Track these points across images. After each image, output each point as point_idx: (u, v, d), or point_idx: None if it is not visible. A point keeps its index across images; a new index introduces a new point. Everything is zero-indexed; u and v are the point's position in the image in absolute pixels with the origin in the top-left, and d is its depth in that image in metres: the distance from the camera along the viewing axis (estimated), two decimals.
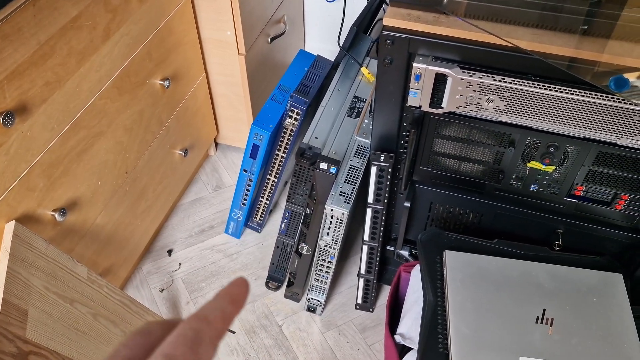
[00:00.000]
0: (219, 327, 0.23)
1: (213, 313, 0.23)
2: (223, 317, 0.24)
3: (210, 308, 0.24)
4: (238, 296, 0.25)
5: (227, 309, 0.24)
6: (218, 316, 0.23)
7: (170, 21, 1.29)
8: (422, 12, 0.88)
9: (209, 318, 0.23)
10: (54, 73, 0.97)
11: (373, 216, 1.17)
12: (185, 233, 1.56)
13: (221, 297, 0.24)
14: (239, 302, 0.24)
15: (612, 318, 0.90)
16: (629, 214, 1.01)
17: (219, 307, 0.24)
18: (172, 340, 0.22)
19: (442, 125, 0.99)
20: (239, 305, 0.24)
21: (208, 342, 0.22)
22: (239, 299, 0.24)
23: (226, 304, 0.24)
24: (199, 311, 0.24)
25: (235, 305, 0.24)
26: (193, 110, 1.51)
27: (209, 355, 0.22)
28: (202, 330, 0.22)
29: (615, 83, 0.79)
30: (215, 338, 0.23)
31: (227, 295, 0.24)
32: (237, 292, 0.25)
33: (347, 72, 1.38)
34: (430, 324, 0.92)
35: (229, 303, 0.24)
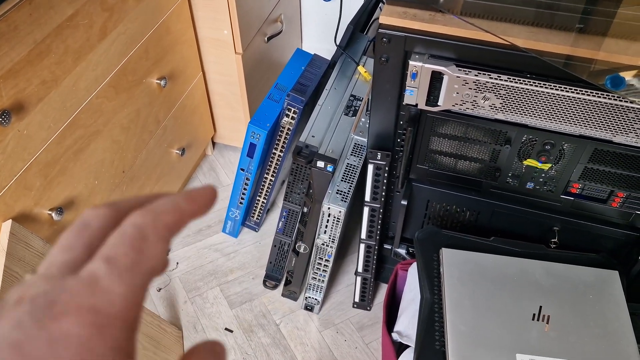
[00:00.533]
0: (168, 220, 0.20)
1: (162, 207, 0.20)
2: (174, 210, 0.21)
3: (161, 202, 0.21)
4: (199, 196, 0.22)
5: (181, 204, 0.21)
6: (168, 209, 0.20)
7: (167, 20, 1.29)
8: (418, 10, 0.89)
9: (156, 211, 0.20)
10: (51, 72, 0.97)
11: (370, 214, 1.17)
12: (183, 232, 1.56)
13: (178, 194, 0.21)
14: (198, 202, 0.21)
15: (609, 315, 0.91)
16: (625, 211, 1.01)
17: (171, 202, 0.21)
18: (112, 240, 0.19)
19: (439, 123, 0.99)
20: (198, 205, 0.21)
21: (154, 239, 0.20)
22: (200, 200, 0.21)
23: (181, 200, 0.21)
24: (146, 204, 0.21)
25: (192, 204, 0.21)
26: (190, 110, 1.51)
27: (155, 252, 0.20)
28: (147, 225, 0.20)
29: (612, 82, 0.79)
30: (164, 231, 0.20)
31: (185, 193, 0.21)
32: (200, 193, 0.22)
33: (343, 71, 1.38)
34: (427, 321, 0.92)
35: (185, 201, 0.21)
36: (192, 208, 0.21)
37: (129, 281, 0.19)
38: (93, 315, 0.18)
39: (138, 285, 0.19)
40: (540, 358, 0.86)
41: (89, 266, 0.19)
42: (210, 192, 0.22)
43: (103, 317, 0.18)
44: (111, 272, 0.19)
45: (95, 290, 0.18)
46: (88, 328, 0.18)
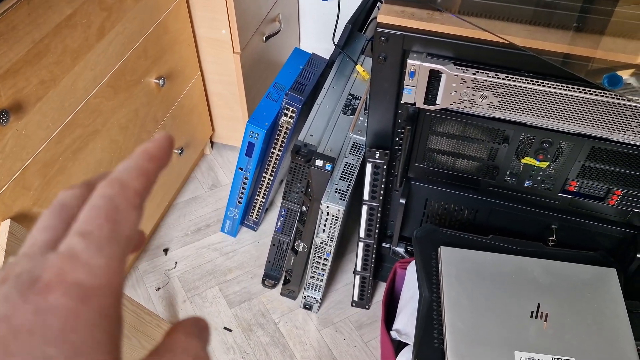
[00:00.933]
0: (136, 186, 0.21)
1: (127, 174, 0.21)
2: (140, 174, 0.21)
3: (123, 169, 0.21)
4: (157, 150, 0.22)
5: (144, 166, 0.21)
6: (133, 175, 0.21)
7: (165, 19, 1.29)
8: (416, 9, 0.89)
9: (122, 180, 0.20)
10: (49, 71, 0.97)
11: (369, 213, 1.17)
12: (181, 232, 1.56)
13: (136, 155, 0.21)
14: (158, 158, 0.22)
15: (606, 312, 0.91)
16: (622, 209, 1.01)
17: (134, 165, 0.21)
18: (86, 214, 0.20)
19: (437, 121, 1.00)
20: (159, 160, 0.22)
21: (126, 207, 0.20)
22: (159, 154, 0.22)
23: (143, 161, 0.21)
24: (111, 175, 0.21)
25: (153, 162, 0.21)
26: (188, 109, 1.51)
27: (130, 219, 0.20)
28: (116, 194, 0.20)
29: (609, 80, 0.79)
30: (134, 198, 0.20)
31: (143, 152, 0.21)
32: (155, 146, 0.22)
33: (342, 70, 1.38)
34: (425, 319, 0.92)
35: (146, 160, 0.21)
36: (155, 165, 0.21)
37: (107, 252, 0.19)
38: (77, 288, 0.18)
39: (117, 254, 0.19)
40: (538, 355, 0.86)
41: (66, 241, 0.19)
42: (166, 141, 0.22)
43: (87, 288, 0.18)
44: (89, 246, 0.19)
45: (76, 264, 0.19)
46: (74, 299, 0.18)
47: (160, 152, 0.22)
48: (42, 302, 0.18)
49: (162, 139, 0.22)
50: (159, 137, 0.22)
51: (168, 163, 0.22)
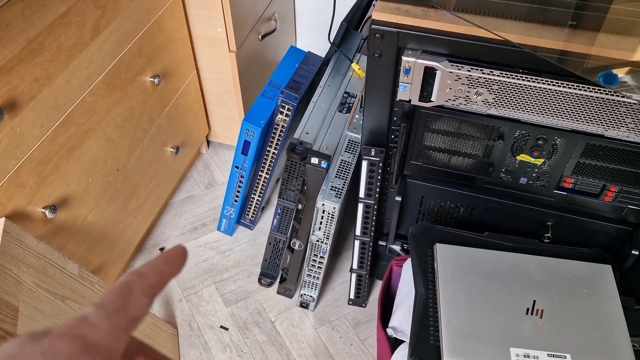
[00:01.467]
0: (152, 280, 0.25)
1: (146, 269, 0.25)
2: (156, 272, 0.25)
3: (144, 266, 0.25)
4: (174, 258, 0.26)
5: (162, 267, 0.25)
6: (151, 271, 0.25)
7: (161, 18, 1.29)
8: (411, 6, 0.89)
9: (141, 272, 0.25)
10: (43, 69, 0.97)
11: (364, 211, 1.17)
12: (178, 231, 1.56)
13: (156, 258, 0.26)
14: (174, 263, 0.26)
15: (602, 309, 0.91)
16: (617, 205, 1.02)
17: (153, 264, 0.25)
18: (103, 293, 0.24)
19: (432, 119, 1.00)
20: (174, 265, 0.26)
21: (139, 293, 0.24)
22: (175, 261, 0.26)
23: (160, 263, 0.26)
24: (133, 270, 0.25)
25: (170, 265, 0.26)
26: (184, 108, 1.51)
27: (141, 304, 0.24)
28: (134, 282, 0.24)
29: (605, 79, 0.80)
30: (148, 289, 0.24)
31: (162, 257, 0.26)
32: (173, 254, 0.26)
33: (337, 68, 1.38)
34: (421, 316, 0.92)
35: (163, 263, 0.26)
36: (170, 268, 0.26)
37: (113, 320, 0.23)
38: (81, 340, 0.22)
39: (121, 325, 0.23)
40: (534, 352, 0.86)
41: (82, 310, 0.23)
42: (182, 252, 0.27)
43: (89, 342, 0.22)
44: (98, 311, 0.23)
45: (85, 323, 0.22)
46: (76, 346, 0.21)
47: (175, 259, 0.26)
48: (49, 346, 0.21)
49: (178, 248, 0.27)
50: (176, 247, 0.27)
51: (181, 269, 0.27)
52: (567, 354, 0.86)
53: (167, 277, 0.25)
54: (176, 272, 0.26)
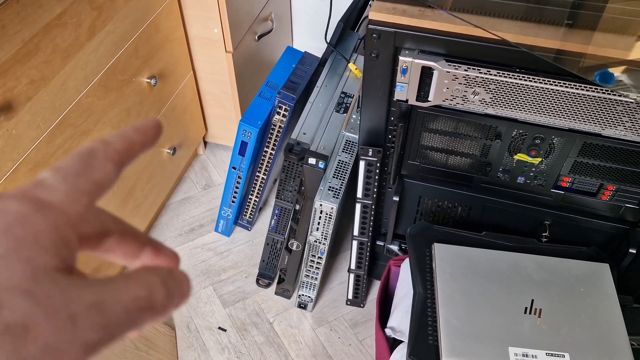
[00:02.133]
0: (117, 146, 0.22)
1: (111, 136, 0.23)
2: (123, 138, 0.23)
3: (111, 134, 0.23)
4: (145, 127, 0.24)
5: (129, 134, 0.23)
6: (117, 137, 0.23)
7: (157, 19, 1.29)
8: (408, 6, 0.89)
9: (105, 139, 0.23)
10: (39, 71, 0.97)
11: (362, 211, 1.17)
12: (175, 232, 1.55)
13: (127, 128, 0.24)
14: (145, 133, 0.24)
15: (600, 307, 0.91)
16: (614, 204, 1.02)
17: (120, 132, 0.23)
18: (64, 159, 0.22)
19: (429, 118, 1.00)
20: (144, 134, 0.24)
21: (103, 158, 0.22)
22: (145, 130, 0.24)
23: (128, 130, 0.23)
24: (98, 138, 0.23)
25: (139, 134, 0.23)
26: (181, 109, 1.50)
27: (104, 169, 0.22)
28: (96, 146, 0.22)
29: (601, 77, 0.80)
30: (113, 154, 0.22)
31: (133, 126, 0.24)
32: (145, 123, 0.24)
33: (334, 68, 1.38)
34: (420, 316, 0.92)
35: (132, 130, 0.23)
36: (139, 137, 0.23)
37: (71, 182, 0.21)
38: (32, 200, 0.20)
39: (81, 188, 0.21)
40: (532, 351, 0.86)
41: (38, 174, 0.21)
42: (155, 123, 0.24)
43: (42, 202, 0.20)
44: (56, 175, 0.21)
45: (39, 186, 0.20)
46: (27, 206, 0.19)
47: (146, 128, 0.24)
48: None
49: (152, 120, 0.24)
50: (150, 119, 0.24)
51: (154, 140, 0.24)
52: (566, 353, 0.86)
53: (136, 146, 0.23)
54: (147, 142, 0.24)
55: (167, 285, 0.21)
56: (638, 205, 1.00)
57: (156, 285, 0.21)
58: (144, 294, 0.20)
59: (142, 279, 0.20)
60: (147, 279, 0.21)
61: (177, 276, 0.22)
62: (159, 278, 0.21)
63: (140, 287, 0.20)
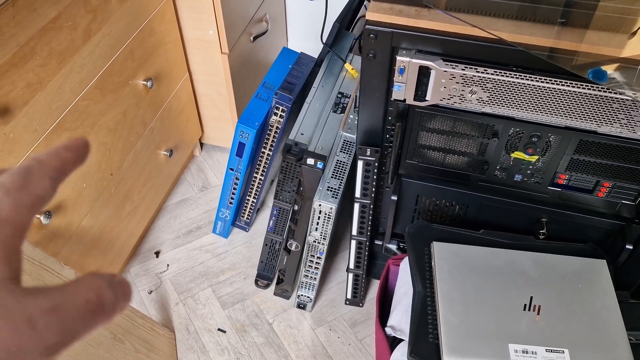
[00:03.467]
0: (52, 163, 0.24)
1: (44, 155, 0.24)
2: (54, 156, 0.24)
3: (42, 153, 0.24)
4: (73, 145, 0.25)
5: (61, 152, 0.24)
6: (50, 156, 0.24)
7: (152, 21, 1.28)
8: (404, 6, 0.89)
9: (38, 157, 0.24)
10: (35, 74, 0.96)
11: (360, 210, 1.17)
12: (173, 234, 1.55)
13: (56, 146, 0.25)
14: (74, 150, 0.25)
15: (597, 303, 0.92)
16: (611, 200, 1.03)
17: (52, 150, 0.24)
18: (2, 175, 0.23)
19: (427, 118, 1.00)
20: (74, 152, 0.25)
21: (39, 173, 0.23)
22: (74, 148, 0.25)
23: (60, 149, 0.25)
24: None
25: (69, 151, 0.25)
26: (177, 111, 1.50)
27: (40, 182, 0.23)
28: (32, 165, 0.23)
29: (594, 75, 0.80)
30: (49, 170, 0.23)
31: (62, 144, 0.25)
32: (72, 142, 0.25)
33: (330, 69, 1.39)
34: (420, 314, 0.93)
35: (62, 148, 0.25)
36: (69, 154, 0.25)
37: (14, 196, 0.22)
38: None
39: (24, 201, 0.22)
40: (532, 347, 0.87)
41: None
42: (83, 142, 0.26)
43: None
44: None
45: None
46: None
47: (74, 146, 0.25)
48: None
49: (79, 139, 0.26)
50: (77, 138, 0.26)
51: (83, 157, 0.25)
52: (565, 349, 0.87)
53: (68, 163, 0.24)
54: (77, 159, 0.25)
55: (112, 287, 0.22)
56: (634, 201, 1.01)
57: (103, 288, 0.22)
58: (94, 297, 0.21)
59: (89, 284, 0.22)
60: (94, 283, 0.22)
61: (119, 280, 0.23)
62: (104, 282, 0.22)
63: (89, 291, 0.22)
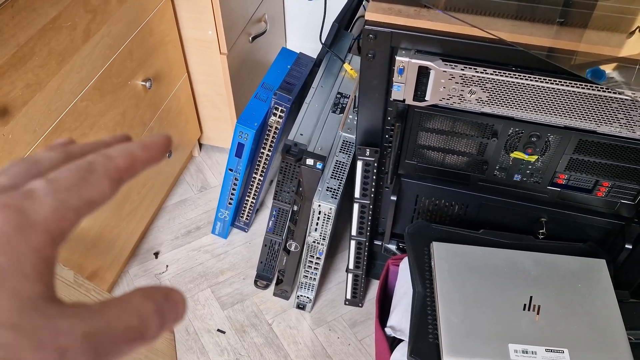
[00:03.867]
0: (119, 162, 0.21)
1: (116, 151, 0.21)
2: (127, 155, 0.21)
3: (115, 147, 0.22)
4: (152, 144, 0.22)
5: (135, 151, 0.22)
6: (121, 153, 0.21)
7: (151, 21, 1.28)
8: (404, 6, 0.89)
9: (108, 153, 0.21)
10: (35, 75, 0.96)
11: (360, 211, 1.17)
12: (172, 235, 1.55)
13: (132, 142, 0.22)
14: (151, 150, 0.22)
15: (597, 303, 0.92)
16: (610, 200, 1.03)
17: (125, 147, 0.22)
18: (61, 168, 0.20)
19: (426, 118, 1.00)
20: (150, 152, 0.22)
21: (102, 173, 0.20)
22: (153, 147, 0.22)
23: (134, 147, 0.22)
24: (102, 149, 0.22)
25: (145, 151, 0.22)
26: (176, 111, 1.50)
27: (100, 186, 0.20)
28: (98, 161, 0.21)
29: (592, 75, 0.80)
30: (113, 171, 0.21)
31: (139, 141, 0.22)
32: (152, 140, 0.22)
33: (329, 69, 1.39)
34: (420, 315, 0.93)
35: (138, 147, 0.22)
36: (145, 155, 0.22)
37: (62, 197, 0.19)
38: (18, 216, 0.18)
39: (71, 205, 0.19)
40: (532, 347, 0.87)
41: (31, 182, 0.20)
42: (164, 140, 0.23)
43: (28, 219, 0.18)
44: (47, 187, 0.19)
45: (28, 196, 0.19)
46: (11, 225, 0.18)
47: (153, 145, 0.22)
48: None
49: (161, 136, 0.23)
50: (159, 135, 0.23)
51: (160, 158, 0.23)
52: (565, 349, 0.87)
53: (140, 163, 0.22)
54: (152, 160, 0.22)
55: (161, 313, 0.20)
56: (633, 200, 1.01)
57: (150, 314, 0.20)
58: (137, 324, 0.19)
59: (135, 307, 0.19)
60: (140, 307, 0.20)
61: (173, 299, 0.21)
62: (153, 305, 0.20)
63: (133, 316, 0.19)
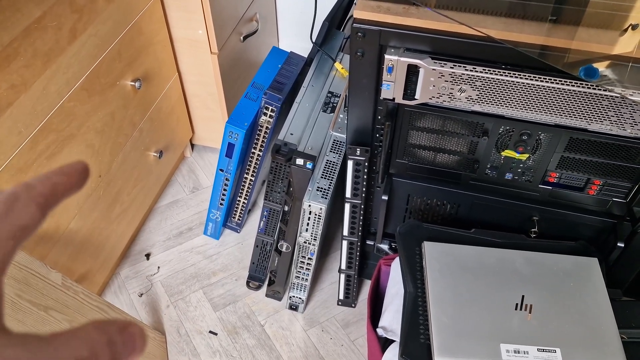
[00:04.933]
0: (40, 189, 0.22)
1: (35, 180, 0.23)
2: (46, 181, 0.23)
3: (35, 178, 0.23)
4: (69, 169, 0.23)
5: (52, 177, 0.23)
6: (40, 181, 0.23)
7: (140, 21, 1.27)
8: (392, 4, 0.88)
9: (28, 182, 0.22)
10: (19, 75, 0.95)
11: (351, 211, 1.16)
12: (163, 236, 1.54)
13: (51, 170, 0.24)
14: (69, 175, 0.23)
15: (589, 301, 0.92)
16: (602, 198, 1.02)
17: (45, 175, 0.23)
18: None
19: (416, 116, 0.99)
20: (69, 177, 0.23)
21: (25, 200, 0.22)
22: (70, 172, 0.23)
23: (52, 174, 0.23)
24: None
25: (63, 176, 0.23)
26: (167, 111, 1.49)
27: (28, 212, 0.21)
28: (20, 190, 0.22)
29: (585, 73, 0.80)
30: (37, 197, 0.22)
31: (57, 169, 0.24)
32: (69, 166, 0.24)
33: (320, 68, 1.38)
34: (411, 315, 0.92)
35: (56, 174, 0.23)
36: (63, 179, 0.23)
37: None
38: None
39: (6, 232, 0.21)
40: (524, 347, 0.86)
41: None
42: (80, 166, 0.24)
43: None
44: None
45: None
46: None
47: (71, 171, 0.23)
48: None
49: (77, 163, 0.24)
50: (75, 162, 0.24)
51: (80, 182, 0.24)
52: (557, 348, 0.86)
53: (60, 189, 0.23)
54: (72, 186, 0.23)
55: (113, 345, 0.20)
56: (625, 199, 1.01)
57: (101, 345, 0.19)
58: (86, 355, 0.19)
59: (85, 338, 0.19)
60: (91, 338, 0.20)
61: (128, 332, 0.21)
62: (105, 337, 0.20)
63: (82, 346, 0.19)
